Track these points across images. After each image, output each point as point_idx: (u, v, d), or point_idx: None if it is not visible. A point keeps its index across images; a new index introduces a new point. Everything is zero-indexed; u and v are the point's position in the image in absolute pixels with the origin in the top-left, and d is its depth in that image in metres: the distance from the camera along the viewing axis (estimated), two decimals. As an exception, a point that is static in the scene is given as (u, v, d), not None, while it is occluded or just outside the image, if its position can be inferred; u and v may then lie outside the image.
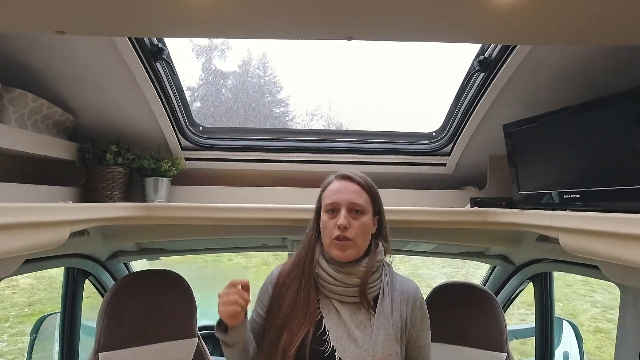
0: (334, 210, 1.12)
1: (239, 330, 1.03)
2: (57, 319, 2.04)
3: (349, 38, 0.85)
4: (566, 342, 2.28)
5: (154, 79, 1.41)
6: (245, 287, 1.04)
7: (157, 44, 1.38)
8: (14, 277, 1.25)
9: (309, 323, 1.06)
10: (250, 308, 1.19)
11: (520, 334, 2.44)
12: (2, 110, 1.19)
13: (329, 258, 1.13)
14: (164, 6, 0.76)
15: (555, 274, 1.98)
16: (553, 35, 0.87)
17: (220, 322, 1.05)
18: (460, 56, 1.57)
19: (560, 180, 1.25)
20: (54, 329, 2.08)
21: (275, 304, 1.14)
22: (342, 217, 1.09)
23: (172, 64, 1.50)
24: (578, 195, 1.18)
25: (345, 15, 0.77)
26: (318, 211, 1.20)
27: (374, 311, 1.09)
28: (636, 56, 1.21)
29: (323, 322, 1.08)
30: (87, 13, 0.76)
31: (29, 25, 0.83)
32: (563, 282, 7.26)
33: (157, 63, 1.41)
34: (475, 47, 1.48)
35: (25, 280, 6.50)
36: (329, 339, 1.05)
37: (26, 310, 5.88)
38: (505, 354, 1.60)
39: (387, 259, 1.23)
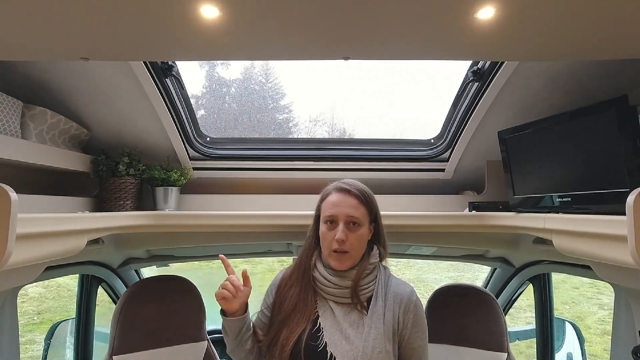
0: (332, 222, 1.19)
1: (235, 319, 1.16)
2: (69, 325, 2.11)
3: (346, 58, 0.92)
4: (569, 343, 2.29)
5: (164, 94, 1.49)
6: (243, 275, 1.19)
7: (167, 62, 1.45)
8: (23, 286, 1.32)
9: (305, 321, 1.16)
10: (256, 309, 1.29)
11: (522, 335, 2.46)
12: (24, 127, 1.27)
13: (326, 263, 1.22)
14: (177, 34, 0.84)
15: (562, 276, 2.02)
16: (535, 52, 0.93)
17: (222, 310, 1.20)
18: (455, 66, 1.63)
19: (553, 184, 1.30)
20: (66, 335, 2.14)
21: (277, 304, 1.24)
22: (340, 232, 1.15)
23: (181, 79, 1.57)
24: (570, 199, 1.23)
25: (343, 37, 0.84)
26: (317, 219, 1.27)
27: (367, 311, 1.16)
28: (622, 64, 1.27)
29: (319, 321, 1.16)
30: (109, 42, 0.84)
31: (58, 54, 0.91)
32: (570, 285, 7.20)
33: (167, 79, 1.49)
34: (469, 58, 1.54)
35: (34, 289, 6.54)
36: (323, 335, 1.13)
37: (35, 319, 5.92)
38: (506, 353, 1.64)
39: (386, 262, 1.30)
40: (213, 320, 1.96)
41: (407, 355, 1.19)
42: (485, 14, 0.75)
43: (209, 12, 0.75)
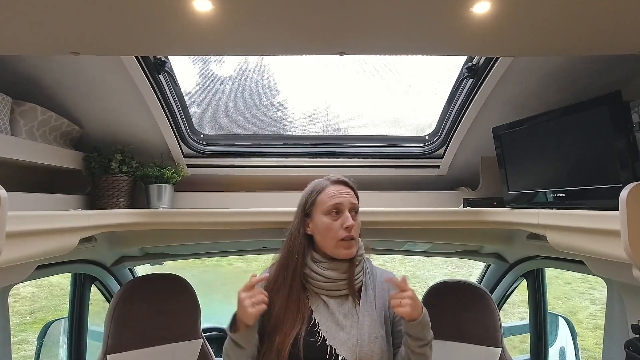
0: (338, 211, 1.20)
1: (252, 330, 1.11)
2: (62, 324, 2.09)
3: (342, 53, 0.92)
4: (562, 338, 2.32)
5: (157, 91, 1.47)
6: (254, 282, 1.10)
7: (160, 57, 1.43)
8: (15, 285, 1.30)
9: (300, 322, 1.14)
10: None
11: (516, 330, 2.49)
12: (13, 123, 1.25)
13: (316, 258, 1.21)
14: (170, 28, 0.82)
15: (554, 272, 2.04)
16: (530, 48, 0.93)
17: (233, 323, 1.10)
18: (450, 63, 1.63)
19: (547, 180, 1.30)
20: (59, 334, 2.12)
21: (266, 310, 1.14)
22: (350, 218, 1.18)
23: (174, 75, 1.56)
24: (563, 194, 1.23)
25: (338, 32, 0.83)
26: (307, 215, 1.25)
27: (359, 301, 1.18)
28: (613, 61, 1.27)
29: (313, 316, 1.16)
30: (100, 36, 0.83)
31: (47, 48, 0.89)
32: (562, 280, 7.28)
33: (159, 75, 1.47)
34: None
35: (26, 288, 6.49)
36: (319, 330, 1.13)
37: (28, 318, 5.87)
38: (500, 349, 1.66)
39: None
40: (208, 318, 1.96)
41: (398, 334, 1.22)
42: (481, 8, 0.75)
43: (202, 6, 0.74)
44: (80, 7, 0.74)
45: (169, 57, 1.50)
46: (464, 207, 1.62)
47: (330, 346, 1.11)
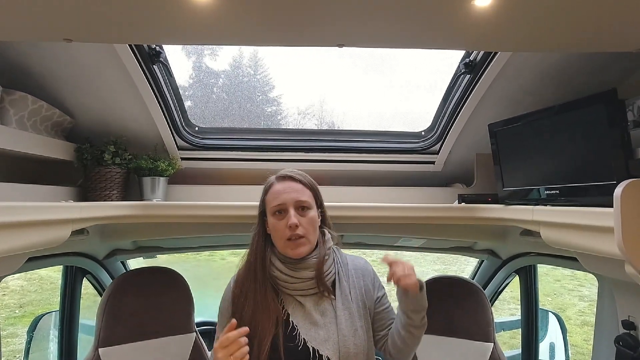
0: (281, 211, 1.14)
1: None
2: (52, 318, 2.07)
3: (340, 45, 0.91)
4: (552, 334, 2.36)
5: (151, 81, 1.45)
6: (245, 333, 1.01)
7: (155, 47, 1.41)
8: (4, 278, 1.27)
9: (273, 325, 1.09)
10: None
11: (507, 325, 2.52)
12: (3, 112, 1.22)
13: (282, 257, 1.16)
14: (166, 16, 0.81)
15: (544, 269, 2.07)
16: (529, 43, 0.93)
17: None
18: (447, 58, 1.63)
19: (541, 177, 1.31)
20: (49, 328, 2.11)
21: (236, 315, 1.12)
22: (292, 217, 1.11)
23: (169, 66, 1.53)
24: (557, 191, 1.24)
25: (337, 24, 0.82)
26: (262, 215, 1.21)
27: (335, 295, 1.15)
28: (609, 60, 1.28)
29: (290, 319, 1.12)
30: (93, 22, 0.81)
31: (40, 34, 0.87)
32: (552, 277, 7.39)
33: (154, 65, 1.45)
34: (461, 51, 1.54)
35: (15, 282, 6.43)
36: (299, 333, 1.09)
37: (17, 312, 5.82)
38: (492, 343, 1.67)
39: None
40: (200, 312, 1.95)
41: (384, 315, 1.21)
42: (483, 1, 0.74)
43: (200, -6, 0.73)
44: (74, -8, 0.72)
45: (164, 48, 1.47)
46: (458, 203, 1.63)
47: (312, 348, 1.07)
